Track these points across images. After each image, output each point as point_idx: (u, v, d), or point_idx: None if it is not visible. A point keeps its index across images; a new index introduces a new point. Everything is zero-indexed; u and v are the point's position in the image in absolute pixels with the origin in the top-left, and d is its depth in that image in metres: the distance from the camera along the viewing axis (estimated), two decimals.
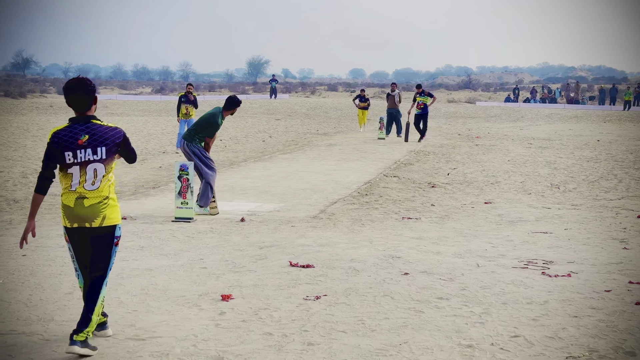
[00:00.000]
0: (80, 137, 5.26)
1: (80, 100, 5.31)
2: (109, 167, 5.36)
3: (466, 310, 6.15)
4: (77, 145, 5.25)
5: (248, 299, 6.52)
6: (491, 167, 18.03)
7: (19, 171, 16.30)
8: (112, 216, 5.38)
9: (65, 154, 5.25)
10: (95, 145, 5.28)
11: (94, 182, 5.30)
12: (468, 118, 41.65)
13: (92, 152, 5.27)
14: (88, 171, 5.27)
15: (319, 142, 25.29)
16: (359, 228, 10.03)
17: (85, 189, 5.28)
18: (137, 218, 10.69)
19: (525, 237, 9.49)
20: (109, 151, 5.33)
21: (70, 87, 5.31)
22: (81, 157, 5.25)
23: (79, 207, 5.29)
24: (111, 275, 7.27)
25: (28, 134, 25.72)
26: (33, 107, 42.44)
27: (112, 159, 5.38)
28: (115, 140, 5.36)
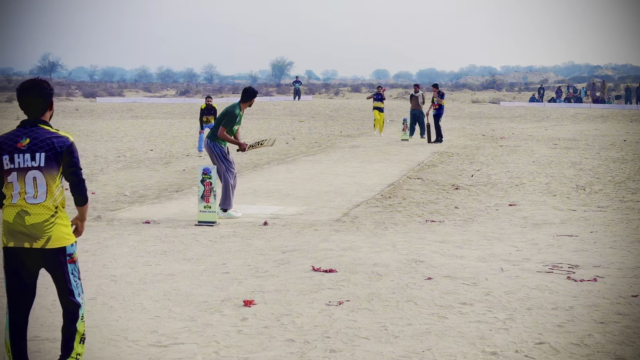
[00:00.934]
0: (21, 140, 4.69)
1: (33, 103, 4.76)
2: (50, 178, 4.66)
3: (490, 316, 6.09)
4: (16, 148, 4.67)
5: (270, 305, 6.50)
6: (516, 169, 17.90)
7: None
8: (58, 236, 4.68)
9: (2, 158, 4.67)
10: (34, 150, 4.66)
11: (36, 195, 4.64)
12: (492, 118, 41.42)
13: (30, 158, 4.65)
14: (27, 180, 4.64)
15: (343, 144, 25.27)
16: (382, 231, 9.98)
17: (27, 202, 4.63)
18: (160, 222, 10.72)
19: (550, 240, 9.39)
20: (48, 158, 4.66)
21: (23, 89, 4.78)
22: (19, 162, 4.64)
23: (19, 224, 4.62)
24: (135, 280, 7.33)
25: None
26: (59, 110, 42.80)
27: (53, 169, 4.68)
28: (57, 148, 4.69)
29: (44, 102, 4.80)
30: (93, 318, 6.10)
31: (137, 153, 21.68)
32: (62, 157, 4.72)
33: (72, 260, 4.78)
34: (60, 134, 4.78)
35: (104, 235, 9.70)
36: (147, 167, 18.50)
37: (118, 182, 15.75)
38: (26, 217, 4.62)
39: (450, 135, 29.03)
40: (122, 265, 8.03)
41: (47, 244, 4.64)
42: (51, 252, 4.68)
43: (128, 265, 7.99)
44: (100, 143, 24.46)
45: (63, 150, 4.72)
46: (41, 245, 4.64)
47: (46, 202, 4.66)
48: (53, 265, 4.74)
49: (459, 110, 48.22)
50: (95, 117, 38.85)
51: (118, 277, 7.48)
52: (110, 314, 6.26)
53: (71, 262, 4.78)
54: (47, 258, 4.70)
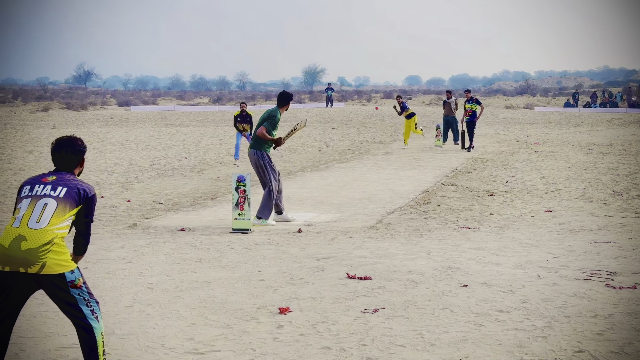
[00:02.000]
0: (48, 177, 4.88)
1: (66, 158, 4.98)
2: (61, 209, 4.70)
3: (528, 324, 6.02)
4: (40, 181, 4.83)
5: (306, 312, 6.50)
6: (551, 174, 17.72)
7: None
8: (54, 263, 4.60)
9: (23, 188, 4.83)
10: (58, 185, 4.80)
11: (39, 220, 4.64)
12: (526, 124, 41.09)
13: (51, 189, 4.76)
14: (37, 205, 4.68)
15: (376, 151, 25.22)
16: (417, 238, 9.93)
17: (29, 227, 4.62)
18: (195, 230, 10.77)
19: (587, 247, 9.28)
20: (69, 194, 4.76)
21: (58, 145, 5.00)
22: (37, 191, 4.76)
23: (14, 248, 4.57)
24: (171, 287, 7.37)
25: (89, 145, 26.19)
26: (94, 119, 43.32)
27: (68, 205, 4.74)
28: (80, 192, 4.83)
29: (75, 159, 5.01)
30: (130, 325, 6.15)
31: (171, 161, 21.84)
32: (82, 202, 4.83)
33: (75, 286, 4.69)
34: (87, 184, 4.94)
35: (139, 243, 9.78)
36: (182, 174, 18.63)
37: (153, 190, 15.87)
38: (22, 242, 4.58)
39: (484, 141, 28.85)
40: (158, 272, 8.08)
41: (41, 270, 4.58)
42: (48, 279, 4.62)
43: (164, 273, 8.04)
44: (134, 151, 24.68)
45: (86, 197, 4.85)
46: (36, 271, 4.58)
47: (47, 227, 4.63)
48: (51, 291, 4.68)
49: (492, 115, 47.87)
50: (130, 125, 39.22)
51: (154, 284, 7.53)
52: (147, 321, 6.30)
53: (74, 288, 4.69)
54: (43, 284, 4.65)
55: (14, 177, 17.28)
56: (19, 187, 4.87)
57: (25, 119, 41.75)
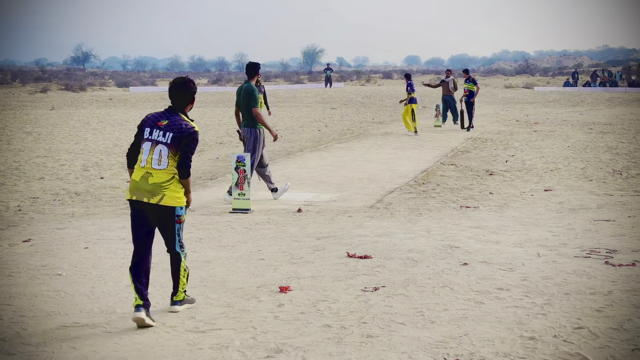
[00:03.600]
0: (162, 120, 5.93)
1: (180, 96, 5.99)
2: (172, 153, 5.82)
3: (527, 301, 6.05)
4: (157, 125, 5.91)
5: (306, 291, 6.52)
6: (550, 154, 17.72)
7: (80, 164, 16.60)
8: (172, 196, 5.82)
9: (144, 129, 5.95)
10: (167, 130, 5.86)
11: (160, 162, 5.81)
12: (526, 104, 41.02)
13: (162, 135, 5.85)
14: (156, 150, 5.82)
15: (375, 131, 25.20)
16: (417, 217, 9.95)
17: (153, 167, 5.82)
18: (195, 209, 10.78)
19: (587, 225, 9.29)
20: (174, 139, 5.83)
21: (175, 84, 6.01)
22: (154, 135, 5.87)
23: (143, 182, 5.81)
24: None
25: (89, 127, 26.19)
26: (93, 100, 43.23)
27: (175, 147, 5.84)
28: (183, 132, 5.86)
29: (188, 97, 6.02)
30: (131, 305, 6.16)
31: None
32: (184, 139, 5.85)
33: (179, 220, 5.93)
34: (191, 124, 5.96)
35: None
36: None
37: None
38: (149, 178, 5.80)
39: (483, 120, 28.82)
40: (158, 252, 8.03)
41: (161, 201, 5.79)
42: (163, 209, 5.82)
43: (164, 253, 7.99)
44: (134, 132, 24.63)
45: (186, 134, 5.86)
46: (156, 202, 5.79)
47: (167, 169, 5.82)
48: (164, 220, 5.89)
49: (492, 95, 47.79)
50: (129, 106, 39.13)
51: (155, 264, 7.51)
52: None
53: (178, 222, 5.93)
54: (159, 213, 5.84)
55: (13, 159, 17.27)
56: (140, 123, 5.99)
57: (23, 100, 41.66)
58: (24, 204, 11.59)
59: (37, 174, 14.92)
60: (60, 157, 17.71)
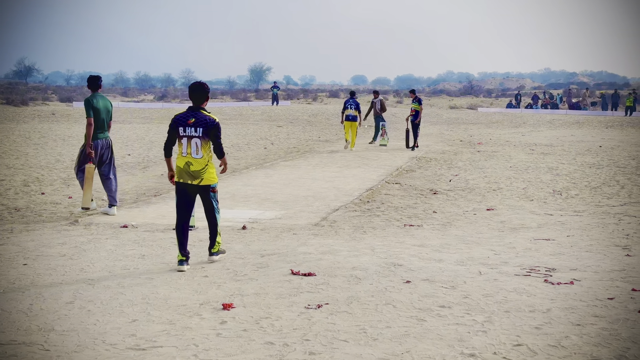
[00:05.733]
0: (190, 119, 7.95)
1: (198, 96, 8.04)
2: (204, 143, 7.92)
3: (468, 319, 6.12)
4: (187, 123, 7.96)
5: (249, 308, 6.49)
6: (493, 174, 18.00)
7: (20, 179, 16.28)
8: (208, 178, 8.03)
9: (178, 128, 7.97)
10: (197, 125, 7.92)
11: (197, 152, 7.91)
12: (470, 124, 41.63)
13: (194, 130, 7.92)
14: (192, 144, 7.92)
15: (321, 149, 25.27)
16: (361, 235, 10.00)
17: (192, 156, 7.93)
18: (139, 226, 10.66)
19: (527, 244, 9.45)
20: (204, 132, 7.92)
21: (193, 86, 8.07)
22: (188, 131, 7.93)
23: (187, 169, 7.96)
24: (113, 284, 7.30)
25: (30, 141, 25.71)
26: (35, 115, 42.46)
27: (206, 138, 7.92)
28: (209, 125, 7.94)
29: (204, 96, 8.09)
30: (70, 322, 6.07)
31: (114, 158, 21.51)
32: (211, 130, 7.93)
33: (213, 190, 8.14)
34: (212, 116, 8.04)
35: (81, 240, 9.64)
36: (125, 171, 18.40)
37: (95, 186, 15.62)
38: (191, 166, 7.96)
39: (428, 140, 29.16)
40: (99, 269, 7.99)
41: (201, 182, 8.02)
42: (203, 187, 8.07)
43: (106, 269, 7.95)
44: (76, 148, 24.25)
45: (212, 126, 7.96)
46: (197, 183, 8.01)
47: (202, 158, 7.96)
48: (203, 194, 8.10)
49: (436, 115, 48.39)
50: (72, 121, 38.55)
51: (96, 280, 7.44)
52: (88, 317, 6.22)
53: (213, 192, 8.14)
54: (200, 190, 8.08)
55: None
56: (172, 123, 8.01)
57: None
58: None
59: None
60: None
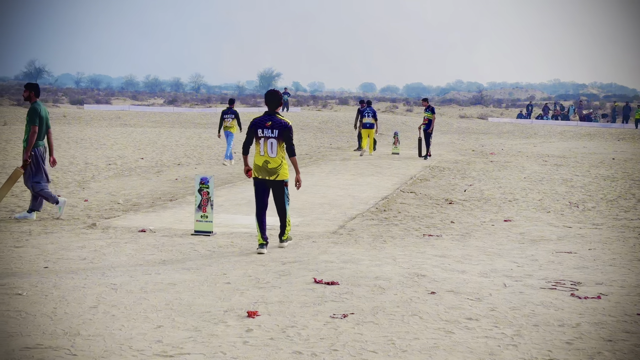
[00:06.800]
0: (267, 122, 9.17)
1: (272, 101, 9.26)
2: (279, 143, 9.13)
3: (497, 332, 6.05)
4: (264, 126, 9.17)
5: (274, 316, 6.44)
6: (508, 184, 17.93)
7: None
8: (282, 174, 9.22)
9: (257, 130, 9.18)
10: (273, 127, 9.13)
11: (272, 152, 9.11)
12: (481, 134, 41.56)
13: (271, 132, 9.12)
14: (268, 144, 9.12)
15: (333, 156, 25.24)
16: (381, 245, 9.94)
17: (269, 155, 9.13)
18: (157, 231, 10.63)
19: (549, 256, 9.38)
20: (279, 133, 9.12)
21: (269, 94, 9.29)
22: (265, 133, 9.14)
23: (264, 166, 9.19)
24: (135, 288, 7.25)
25: None
26: None
27: (281, 139, 9.12)
28: (284, 127, 9.15)
29: (279, 102, 9.30)
30: (95, 327, 6.02)
31: (127, 161, 21.55)
32: (285, 132, 9.13)
33: (285, 185, 9.30)
34: (286, 120, 9.25)
35: (100, 243, 9.60)
36: (139, 175, 18.39)
37: (110, 189, 15.63)
38: (268, 164, 9.18)
39: (440, 149, 29.10)
40: (121, 273, 7.94)
41: (276, 178, 9.24)
42: (278, 182, 9.26)
43: (127, 274, 7.91)
44: (90, 150, 24.30)
45: (285, 129, 9.17)
46: (273, 179, 9.23)
47: (277, 157, 9.17)
48: (277, 188, 9.29)
49: (447, 125, 48.35)
50: (84, 124, 38.64)
51: (118, 285, 7.39)
52: (113, 322, 6.17)
53: (286, 186, 9.31)
54: (275, 184, 9.27)
55: None
56: (251, 126, 9.28)
57: None
58: None
59: None
60: None
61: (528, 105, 63.95)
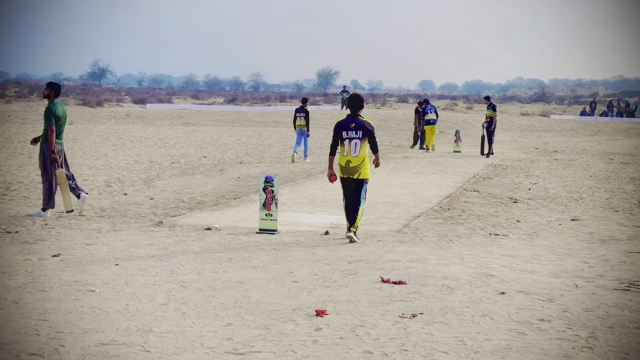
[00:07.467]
0: (350, 124, 9.83)
1: (354, 105, 9.96)
2: (363, 143, 9.78)
3: (571, 334, 5.93)
4: (349, 127, 9.82)
5: (343, 315, 6.43)
6: (573, 183, 17.60)
7: (102, 180, 16.59)
8: (364, 172, 9.85)
9: (342, 132, 9.86)
10: (357, 129, 9.80)
11: (355, 151, 9.75)
12: (543, 132, 40.94)
13: (354, 133, 9.79)
14: (352, 144, 9.78)
15: (394, 155, 25.14)
16: (447, 244, 9.85)
17: (352, 155, 9.77)
18: (222, 229, 10.72)
19: (621, 257, 9.16)
20: (363, 134, 9.79)
21: (352, 98, 9.96)
22: (349, 134, 9.79)
23: (347, 166, 9.82)
24: (204, 286, 7.32)
25: (109, 142, 26.23)
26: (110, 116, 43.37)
27: (364, 139, 9.78)
28: (367, 128, 9.85)
29: (361, 104, 10.00)
30: (167, 324, 6.09)
31: (191, 160, 21.81)
32: (368, 133, 9.84)
33: (366, 182, 9.93)
34: (368, 121, 9.97)
35: (167, 241, 9.73)
36: (202, 173, 18.60)
37: (175, 188, 15.84)
38: (350, 163, 9.81)
39: (502, 147, 28.73)
40: (189, 271, 8.03)
41: (359, 177, 9.86)
42: (359, 180, 9.87)
43: (195, 272, 7.99)
44: (153, 149, 24.67)
45: (369, 130, 9.88)
46: (356, 177, 9.86)
47: (359, 156, 9.80)
48: (357, 185, 9.87)
49: (508, 122, 47.73)
50: (147, 123, 39.24)
51: (187, 283, 7.48)
52: (184, 320, 6.24)
53: (365, 183, 9.93)
54: (356, 182, 9.85)
55: (36, 172, 17.27)
56: (336, 128, 9.95)
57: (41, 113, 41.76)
58: (50, 218, 11.55)
59: None
60: (82, 172, 17.71)
61: (591, 102, 62.69)
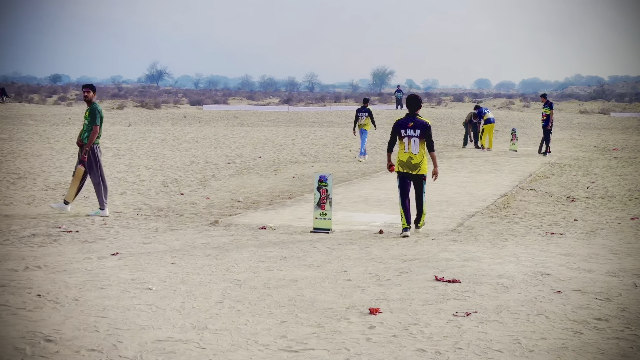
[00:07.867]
0: (409, 123, 10.25)
1: (413, 105, 10.35)
2: (421, 141, 10.18)
3: (629, 333, 5.83)
4: (407, 126, 10.26)
5: (396, 314, 6.43)
6: (633, 181, 17.26)
7: (159, 180, 16.85)
8: (423, 169, 10.25)
9: (401, 130, 10.30)
10: (415, 127, 10.21)
11: (415, 149, 10.15)
12: (602, 129, 40.18)
13: (413, 132, 10.20)
14: (411, 142, 10.19)
15: (449, 154, 24.98)
16: (502, 243, 9.76)
17: (412, 152, 10.19)
18: (277, 228, 10.80)
19: None
20: (421, 132, 10.17)
21: (410, 98, 10.34)
22: (408, 132, 10.22)
23: (408, 162, 10.23)
24: (258, 284, 7.39)
25: (166, 143, 26.61)
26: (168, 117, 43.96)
27: (423, 137, 10.17)
28: (425, 127, 10.25)
29: (418, 104, 10.36)
30: (222, 321, 6.17)
31: (246, 160, 22.00)
32: (426, 131, 10.22)
33: (424, 179, 10.32)
34: (426, 120, 10.36)
35: (222, 240, 9.84)
36: (257, 173, 18.75)
37: (230, 187, 16.00)
38: (412, 160, 10.22)
39: (560, 146, 28.31)
40: (244, 269, 8.11)
41: (418, 172, 10.26)
42: (419, 176, 10.28)
43: (250, 270, 8.07)
44: (209, 149, 24.95)
45: (427, 128, 10.27)
46: (415, 173, 10.26)
47: (419, 153, 10.21)
48: (417, 182, 10.32)
49: (567, 120, 46.96)
50: (203, 124, 39.69)
51: (242, 281, 7.56)
52: (238, 317, 6.31)
53: (424, 180, 10.33)
54: (416, 178, 10.29)
55: None
56: (394, 127, 10.39)
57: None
58: (109, 218, 11.79)
59: (119, 189, 15.19)
60: (140, 173, 18.02)
61: None
